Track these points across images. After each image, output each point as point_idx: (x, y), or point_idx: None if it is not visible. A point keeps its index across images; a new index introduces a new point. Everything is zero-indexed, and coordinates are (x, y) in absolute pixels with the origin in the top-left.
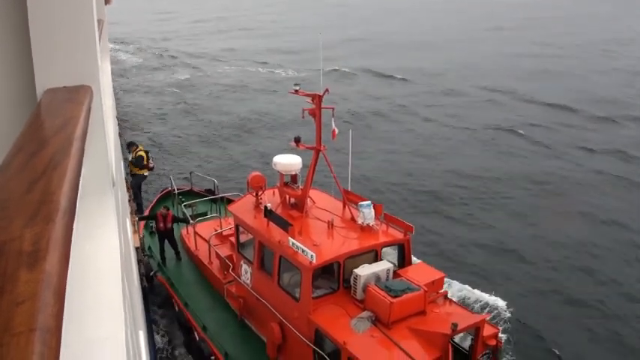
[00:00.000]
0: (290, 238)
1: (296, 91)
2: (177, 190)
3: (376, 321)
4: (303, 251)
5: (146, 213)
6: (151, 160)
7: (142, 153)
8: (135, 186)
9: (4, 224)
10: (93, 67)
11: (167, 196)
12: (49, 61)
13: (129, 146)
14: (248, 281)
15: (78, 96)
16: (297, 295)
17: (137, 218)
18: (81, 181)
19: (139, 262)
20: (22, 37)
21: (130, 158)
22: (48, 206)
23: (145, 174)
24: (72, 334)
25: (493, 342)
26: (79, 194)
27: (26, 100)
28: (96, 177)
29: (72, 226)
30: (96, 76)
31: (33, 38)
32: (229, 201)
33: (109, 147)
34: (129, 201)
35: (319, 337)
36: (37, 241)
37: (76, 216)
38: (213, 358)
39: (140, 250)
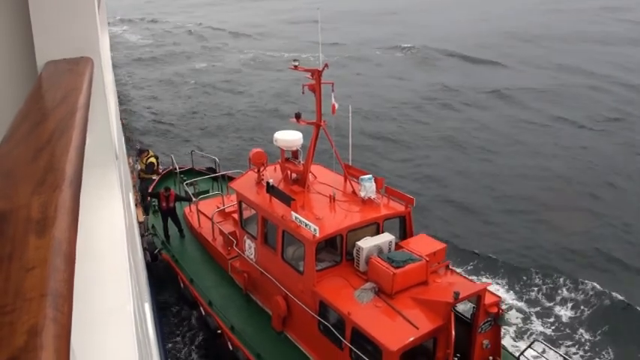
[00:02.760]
0: (293, 212)
1: (295, 66)
2: (179, 168)
3: (379, 292)
4: (306, 225)
5: (150, 190)
6: (160, 166)
7: (152, 160)
8: (144, 189)
9: (10, 192)
10: (93, 39)
11: (169, 175)
12: (49, 34)
13: (139, 154)
14: (252, 256)
15: (79, 67)
16: (301, 269)
17: (140, 193)
18: (85, 152)
19: (142, 236)
20: (21, 9)
21: (139, 167)
22: (54, 174)
23: (154, 178)
24: (81, 305)
25: (494, 310)
26: (84, 164)
27: (27, 73)
28: (99, 149)
29: (79, 193)
30: (96, 48)
31: (32, 10)
32: (230, 178)
33: (111, 119)
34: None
35: (324, 309)
36: (45, 208)
37: (82, 186)
38: (219, 332)
39: (143, 225)
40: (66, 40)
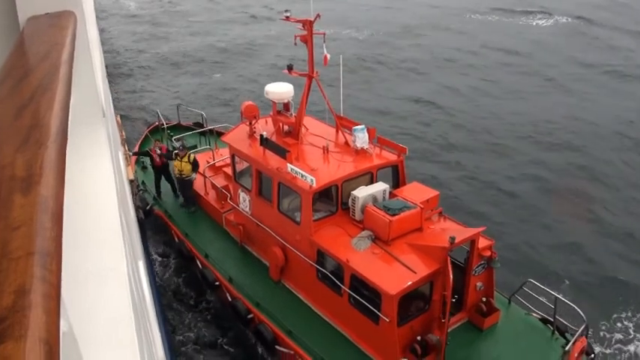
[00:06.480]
0: (288, 164)
1: (287, 17)
2: (166, 124)
3: (376, 239)
4: (302, 176)
5: (136, 149)
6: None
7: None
8: (181, 189)
9: None
10: None
11: (155, 131)
12: None
13: (184, 147)
14: (247, 209)
15: (61, 21)
16: (298, 219)
17: (130, 153)
18: (70, 109)
19: (133, 194)
20: None
21: (177, 168)
22: (39, 130)
23: (193, 176)
24: (72, 264)
25: (488, 253)
26: (69, 121)
27: (8, 30)
28: (85, 105)
29: (65, 150)
30: (79, 1)
31: None
32: (219, 133)
33: (96, 75)
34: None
35: (322, 257)
36: (30, 166)
37: (68, 142)
38: (217, 283)
39: (134, 183)
40: None
